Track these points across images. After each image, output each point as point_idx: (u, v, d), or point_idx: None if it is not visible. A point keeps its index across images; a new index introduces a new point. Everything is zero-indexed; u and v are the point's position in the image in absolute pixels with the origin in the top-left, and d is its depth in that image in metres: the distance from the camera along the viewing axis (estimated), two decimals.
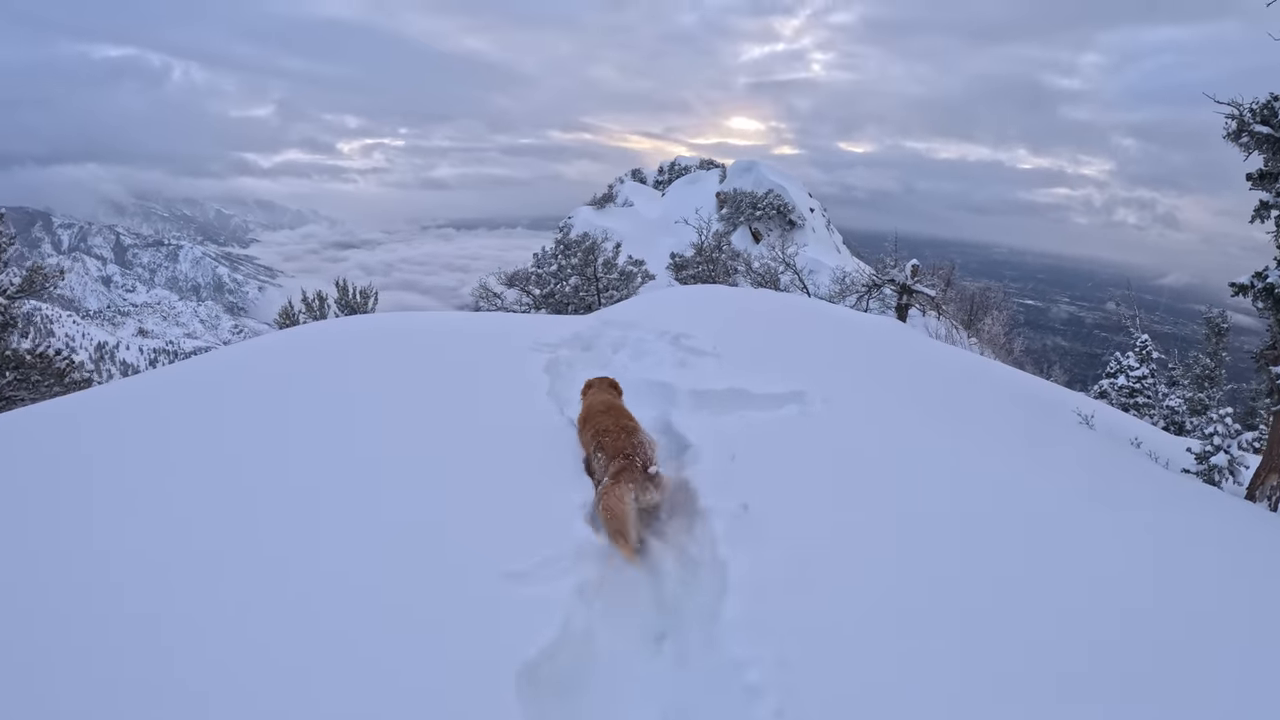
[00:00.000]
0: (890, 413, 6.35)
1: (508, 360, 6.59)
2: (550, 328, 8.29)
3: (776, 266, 22.73)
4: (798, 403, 6.17)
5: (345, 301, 13.02)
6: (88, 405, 5.58)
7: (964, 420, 6.82)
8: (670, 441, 5.25)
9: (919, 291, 21.46)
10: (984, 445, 5.85)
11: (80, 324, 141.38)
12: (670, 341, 7.93)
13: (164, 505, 3.89)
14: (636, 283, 19.40)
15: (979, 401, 8.07)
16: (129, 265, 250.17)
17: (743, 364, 7.22)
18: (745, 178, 48.01)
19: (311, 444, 4.73)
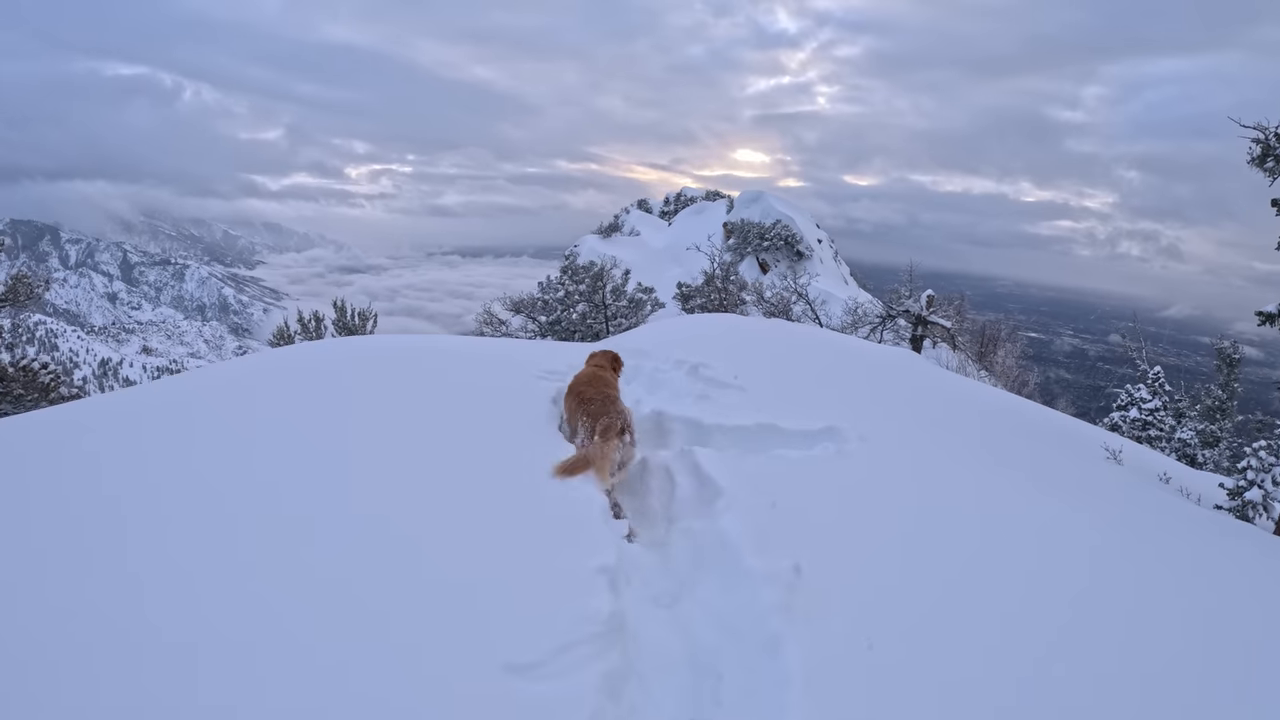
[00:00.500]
0: (929, 451, 5.83)
1: (513, 389, 5.98)
2: (557, 354, 7.73)
3: (789, 297, 22.19)
4: (833, 440, 5.64)
5: (343, 323, 12.43)
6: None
7: (1003, 459, 6.33)
8: (699, 486, 4.62)
9: (934, 323, 20.90)
10: (1029, 489, 5.32)
11: (85, 339, 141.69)
12: (688, 372, 7.38)
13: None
14: (646, 310, 18.82)
15: (1012, 438, 7.57)
16: (135, 283, 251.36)
17: (768, 397, 6.69)
18: (753, 208, 47.63)
19: (278, 491, 3.87)
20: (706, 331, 10.70)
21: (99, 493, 3.75)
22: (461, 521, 3.71)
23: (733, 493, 4.31)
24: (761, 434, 5.55)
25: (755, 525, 3.91)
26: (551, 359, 7.24)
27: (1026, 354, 29.08)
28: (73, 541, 3.26)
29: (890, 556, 3.79)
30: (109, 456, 4.22)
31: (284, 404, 5.19)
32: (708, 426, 5.55)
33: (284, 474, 4.02)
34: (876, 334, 21.44)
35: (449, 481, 4.15)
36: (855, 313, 22.40)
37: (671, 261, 42.67)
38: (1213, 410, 18.06)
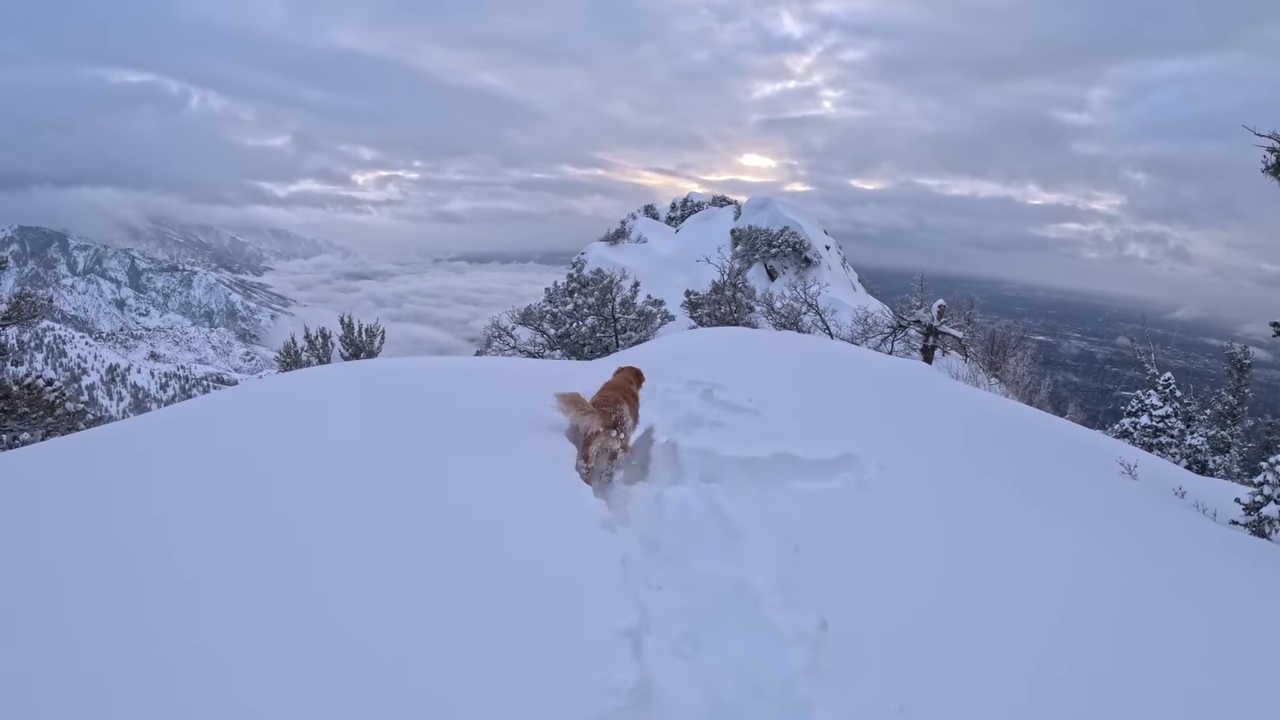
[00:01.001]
0: (951, 479, 5.70)
1: (523, 422, 5.82)
2: (574, 378, 7.58)
3: (799, 307, 22.04)
4: (852, 470, 5.54)
5: (350, 339, 12.33)
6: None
7: (1023, 481, 6.19)
8: (718, 526, 4.47)
9: (945, 333, 20.75)
10: (1053, 516, 5.18)
11: (93, 345, 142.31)
12: (702, 395, 7.26)
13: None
14: (656, 324, 18.66)
15: (1031, 456, 7.48)
16: (143, 289, 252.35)
17: (784, 421, 6.58)
18: (760, 215, 47.48)
19: (295, 555, 3.46)
20: (718, 348, 10.62)
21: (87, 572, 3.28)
22: (479, 582, 3.42)
23: (753, 536, 4.18)
24: (778, 465, 5.43)
25: (778, 573, 3.77)
26: (566, 383, 7.11)
27: (1036, 360, 28.87)
28: (81, 626, 2.85)
29: (920, 607, 3.64)
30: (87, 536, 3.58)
31: (281, 453, 4.80)
32: (724, 459, 5.40)
33: (294, 535, 3.61)
34: (887, 344, 21.30)
35: (461, 536, 3.86)
36: (865, 322, 22.25)
37: (679, 269, 42.55)
38: (1223, 415, 17.99)
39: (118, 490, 4.12)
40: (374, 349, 12.56)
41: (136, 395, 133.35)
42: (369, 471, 4.47)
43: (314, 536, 3.61)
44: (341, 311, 13.03)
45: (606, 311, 17.78)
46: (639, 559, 4.33)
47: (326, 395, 6.28)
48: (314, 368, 8.87)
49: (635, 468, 5.83)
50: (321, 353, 12.10)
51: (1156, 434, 19.07)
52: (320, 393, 6.40)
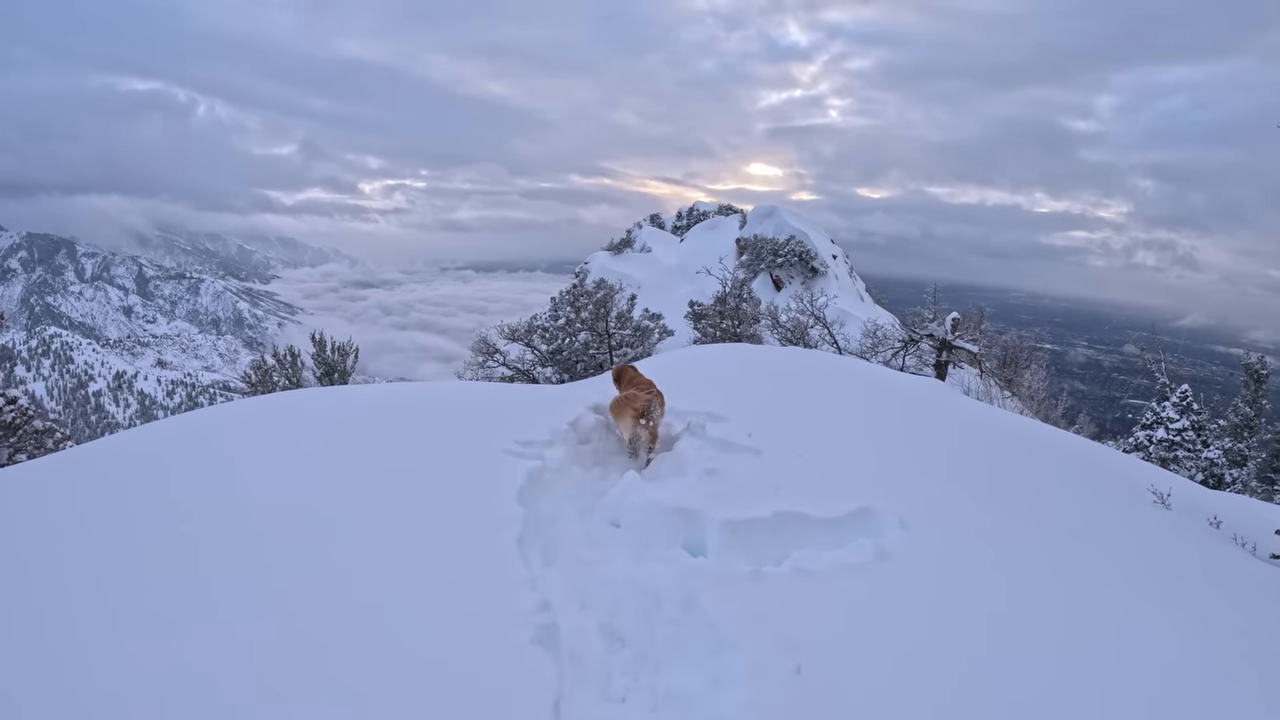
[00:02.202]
0: (986, 537, 4.75)
1: (470, 471, 4.84)
2: (540, 411, 6.58)
3: (805, 320, 21.06)
4: (868, 530, 4.61)
5: (322, 358, 11.50)
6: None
7: (1060, 527, 5.27)
8: (701, 629, 3.51)
9: (960, 347, 19.78)
10: (1106, 580, 4.35)
11: (100, 352, 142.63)
12: (696, 430, 6.32)
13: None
14: (653, 339, 17.68)
15: (1068, 494, 6.42)
16: (150, 296, 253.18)
17: (788, 462, 5.65)
18: (766, 224, 46.62)
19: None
20: (717, 368, 9.70)
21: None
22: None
23: (744, 647, 3.21)
24: (780, 528, 4.48)
25: (775, 710, 2.84)
26: (534, 418, 6.14)
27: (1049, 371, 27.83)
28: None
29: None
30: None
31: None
32: (713, 523, 4.46)
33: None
34: (898, 359, 20.36)
35: (365, 639, 3.01)
36: (875, 335, 21.31)
37: (683, 279, 41.76)
38: (1240, 428, 17.51)
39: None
40: (346, 368, 11.71)
41: (143, 402, 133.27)
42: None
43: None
44: (350, 319, 12.33)
45: (601, 327, 16.81)
46: (597, 657, 3.43)
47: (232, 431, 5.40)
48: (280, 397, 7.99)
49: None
50: (292, 373, 11.28)
51: (1172, 448, 18.77)
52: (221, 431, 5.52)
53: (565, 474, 5.41)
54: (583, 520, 4.96)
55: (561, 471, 5.39)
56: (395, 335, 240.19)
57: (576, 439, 6.19)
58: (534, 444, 5.49)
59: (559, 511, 4.86)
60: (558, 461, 5.44)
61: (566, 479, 5.36)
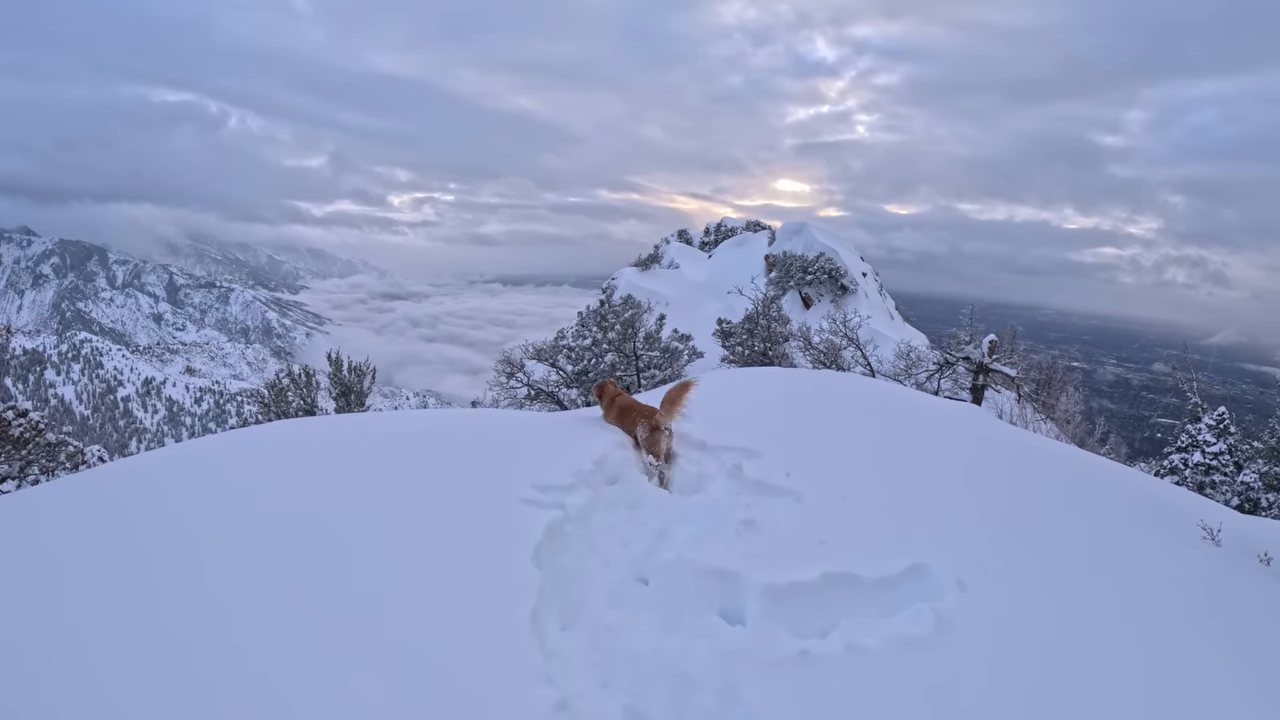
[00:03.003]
0: (1051, 591, 4.26)
1: (482, 528, 4.33)
2: (561, 447, 6.13)
3: (838, 343, 20.48)
4: (924, 593, 4.10)
5: (339, 378, 11.13)
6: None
7: (1138, 588, 4.67)
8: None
9: (997, 371, 19.16)
10: (1205, 655, 3.82)
11: (129, 358, 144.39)
12: (731, 471, 5.83)
13: None
14: (682, 361, 17.12)
15: (1124, 535, 5.77)
16: (180, 304, 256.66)
17: (832, 508, 5.18)
18: (795, 240, 46.04)
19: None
20: (751, 394, 9.22)
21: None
22: None
23: None
24: (828, 591, 3.98)
25: None
26: (555, 455, 5.67)
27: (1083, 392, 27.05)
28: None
29: None
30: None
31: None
32: (754, 587, 3.97)
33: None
34: (933, 381, 19.78)
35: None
36: (908, 357, 20.72)
37: (712, 296, 41.26)
38: (1276, 450, 17.00)
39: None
40: (363, 389, 11.34)
41: (171, 408, 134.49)
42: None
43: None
44: (377, 330, 11.98)
45: (628, 348, 16.27)
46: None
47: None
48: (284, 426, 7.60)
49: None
50: (307, 394, 10.91)
51: (1209, 471, 17.89)
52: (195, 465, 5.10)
53: (588, 522, 4.93)
54: (608, 571, 4.49)
55: (585, 519, 4.92)
56: (422, 347, 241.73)
57: (603, 479, 5.69)
58: (554, 488, 5.03)
59: (581, 566, 4.38)
60: (580, 508, 4.97)
61: (590, 527, 4.89)
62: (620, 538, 5.03)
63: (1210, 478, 17.65)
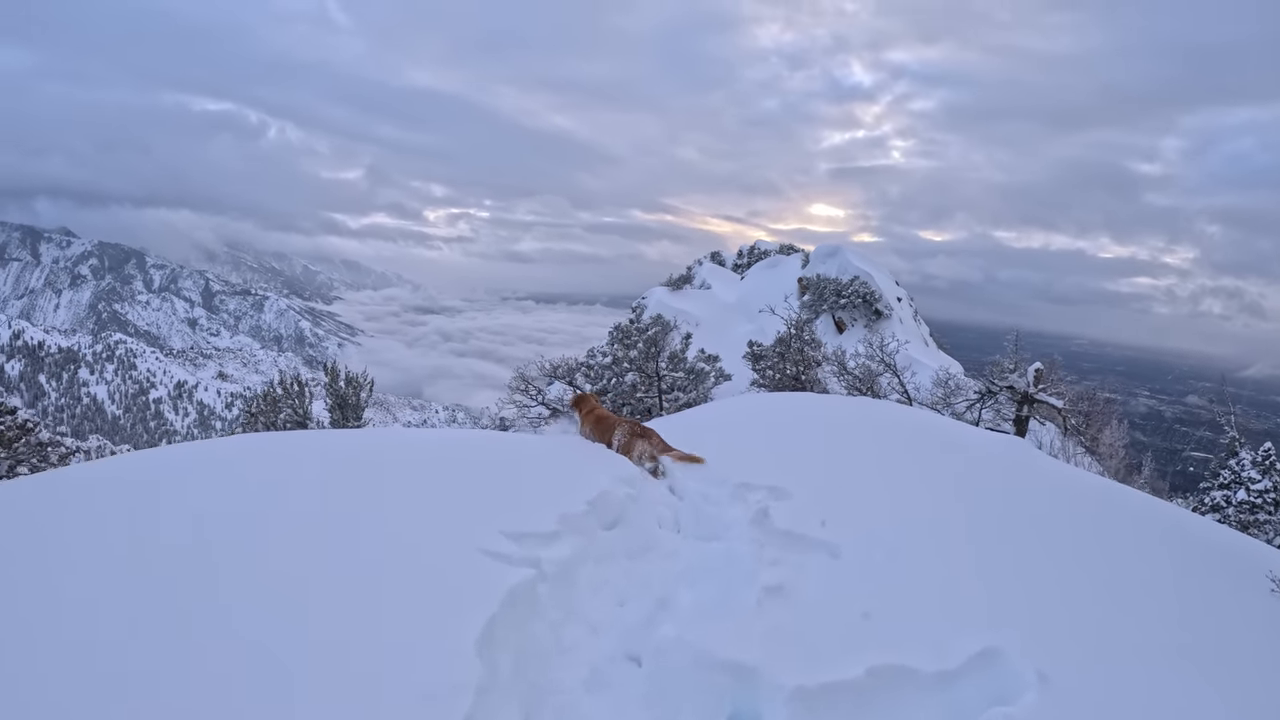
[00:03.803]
0: (1153, 688, 3.33)
1: (423, 595, 3.29)
2: (554, 481, 5.17)
3: (875, 367, 19.40)
4: (1000, 692, 3.19)
5: (335, 389, 10.31)
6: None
7: (1238, 669, 3.75)
8: None
9: (1044, 401, 18.03)
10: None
11: (163, 361, 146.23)
12: (755, 520, 4.88)
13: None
14: (709, 383, 16.06)
15: (1208, 598, 4.78)
16: (215, 310, 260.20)
17: (877, 570, 4.24)
18: (829, 263, 44.97)
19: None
20: (780, 425, 8.28)
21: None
22: None
23: None
24: (876, 694, 3.03)
25: None
26: (544, 491, 4.74)
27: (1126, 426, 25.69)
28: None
29: None
30: None
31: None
32: (779, 690, 2.99)
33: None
34: (973, 411, 18.69)
35: None
36: (947, 385, 19.63)
37: (743, 317, 40.31)
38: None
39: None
40: (360, 402, 10.52)
41: (202, 412, 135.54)
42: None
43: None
44: (409, 344, 11.33)
45: (650, 367, 15.22)
46: None
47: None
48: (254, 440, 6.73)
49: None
50: (300, 405, 10.13)
51: (1254, 510, 17.09)
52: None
53: (572, 580, 3.94)
54: (596, 641, 3.58)
55: (568, 577, 3.91)
56: (453, 362, 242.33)
57: (598, 522, 4.71)
58: (531, 538, 4.04)
59: (555, 639, 3.44)
60: (562, 562, 3.95)
61: (575, 587, 3.91)
62: (615, 595, 4.11)
63: (1255, 516, 16.92)
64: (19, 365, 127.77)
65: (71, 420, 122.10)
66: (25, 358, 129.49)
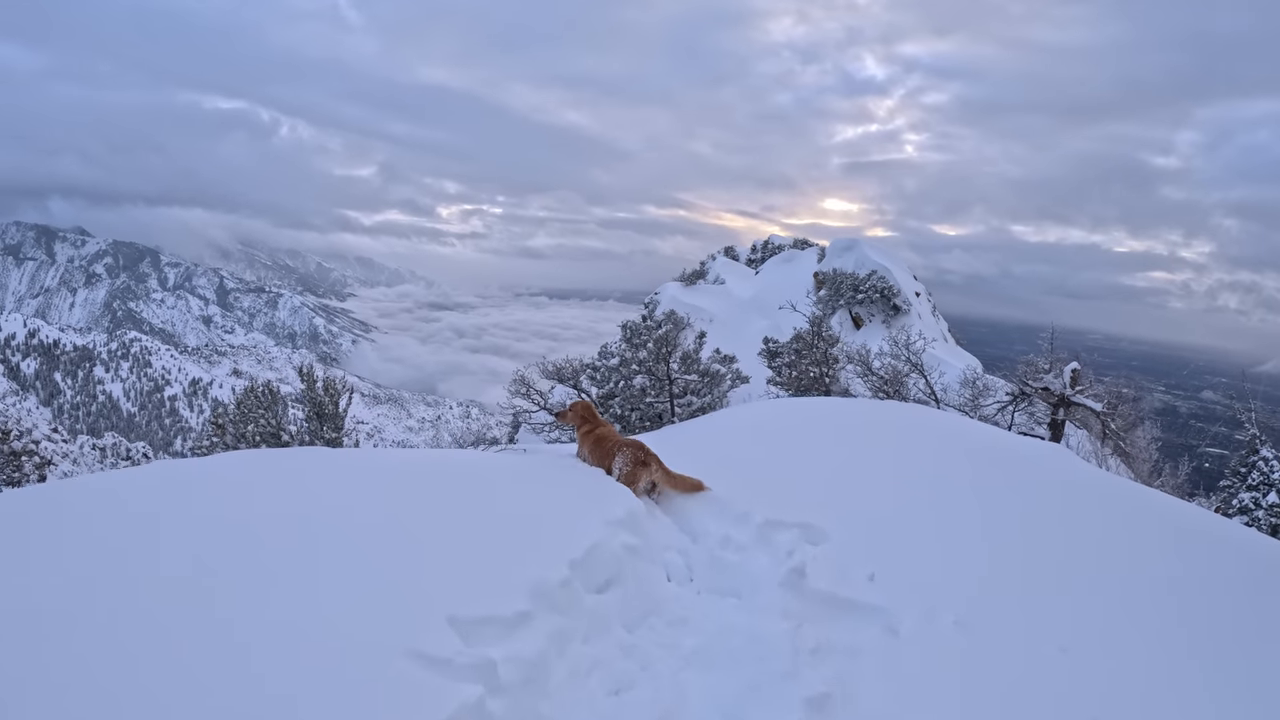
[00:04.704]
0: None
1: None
2: (533, 527, 4.01)
3: (901, 367, 18.23)
4: None
5: (312, 397, 9.28)
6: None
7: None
8: None
9: (1081, 404, 16.89)
10: None
11: (178, 358, 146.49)
12: (788, 582, 3.86)
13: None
14: (725, 386, 14.90)
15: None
16: (230, 307, 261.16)
17: (952, 650, 3.26)
18: (845, 257, 43.81)
19: None
20: (809, 436, 7.25)
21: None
22: None
23: None
24: None
25: None
26: (516, 545, 3.67)
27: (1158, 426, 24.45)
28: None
29: None
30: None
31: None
32: None
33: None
34: (1006, 415, 17.58)
35: None
36: (974, 385, 18.50)
37: (758, 314, 39.21)
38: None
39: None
40: (339, 410, 9.52)
41: (216, 409, 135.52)
42: None
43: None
44: (424, 340, 10.48)
45: (661, 369, 14.02)
46: None
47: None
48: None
49: None
50: (272, 413, 9.18)
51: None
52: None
53: (543, 687, 2.85)
54: None
55: (535, 685, 2.81)
56: (467, 358, 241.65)
57: (587, 585, 3.61)
58: (489, 623, 2.92)
59: None
60: (529, 662, 2.84)
61: (545, 698, 2.82)
62: (610, 680, 3.13)
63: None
64: (35, 363, 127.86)
65: (87, 418, 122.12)
66: (41, 356, 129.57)
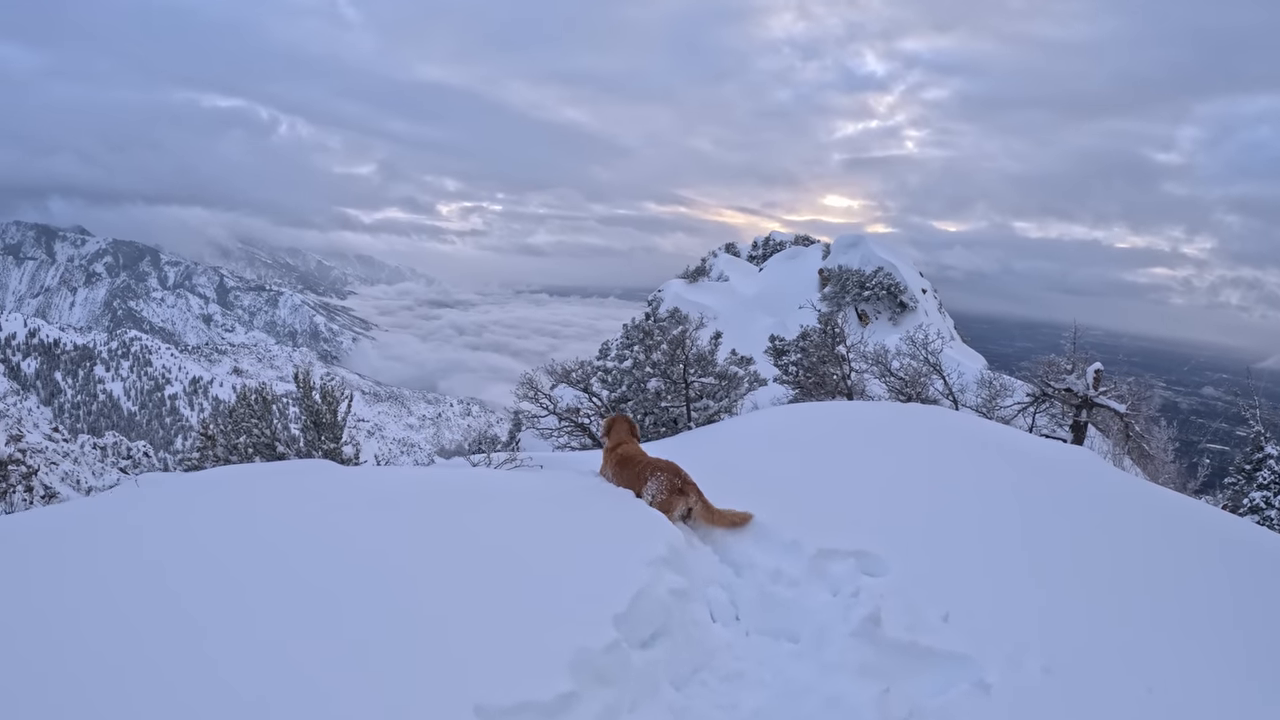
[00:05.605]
0: None
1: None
2: (571, 583, 3.37)
3: (920, 368, 17.62)
4: None
5: (309, 405, 8.67)
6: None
7: None
8: None
9: (1104, 405, 16.33)
10: None
11: (178, 357, 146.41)
12: (862, 629, 3.30)
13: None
14: (742, 389, 14.29)
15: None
16: (230, 306, 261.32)
17: (1052, 706, 2.79)
18: (851, 254, 43.39)
19: None
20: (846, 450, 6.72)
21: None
22: None
23: None
24: None
25: None
26: (564, 600, 3.14)
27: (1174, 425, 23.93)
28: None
29: None
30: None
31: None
32: None
33: None
34: (1027, 417, 17.03)
35: None
36: (991, 386, 17.94)
37: (763, 311, 38.74)
38: None
39: None
40: (337, 420, 8.95)
41: (217, 407, 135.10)
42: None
43: None
44: (424, 337, 10.00)
45: (676, 372, 13.36)
46: None
47: None
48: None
49: None
50: (265, 422, 8.63)
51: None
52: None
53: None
54: None
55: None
56: (468, 355, 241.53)
57: (630, 643, 3.02)
58: (525, 712, 2.37)
59: None
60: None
61: None
62: None
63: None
64: (35, 363, 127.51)
65: (88, 417, 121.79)
66: (41, 355, 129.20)
